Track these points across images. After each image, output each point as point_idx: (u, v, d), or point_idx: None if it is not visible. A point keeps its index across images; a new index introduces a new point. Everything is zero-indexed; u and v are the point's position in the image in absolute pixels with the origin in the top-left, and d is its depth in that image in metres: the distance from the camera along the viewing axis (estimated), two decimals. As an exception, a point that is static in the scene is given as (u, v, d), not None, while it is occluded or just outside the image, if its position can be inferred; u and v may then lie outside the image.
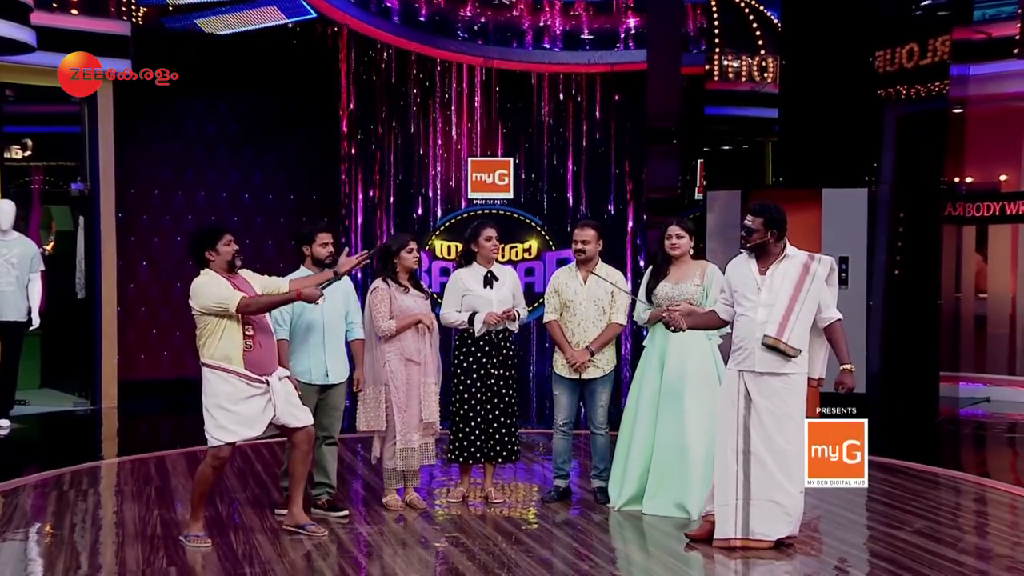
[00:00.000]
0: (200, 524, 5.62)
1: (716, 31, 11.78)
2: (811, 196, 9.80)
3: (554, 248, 12.05)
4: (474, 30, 12.93)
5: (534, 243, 12.04)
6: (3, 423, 9.08)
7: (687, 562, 5.40)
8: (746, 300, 5.47)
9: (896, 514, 6.28)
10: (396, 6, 12.66)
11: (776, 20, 11.59)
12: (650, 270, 6.46)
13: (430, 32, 12.82)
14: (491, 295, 6.46)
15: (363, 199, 12.64)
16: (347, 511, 6.20)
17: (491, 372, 6.47)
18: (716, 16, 11.88)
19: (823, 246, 9.17)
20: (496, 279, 6.51)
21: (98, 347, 10.56)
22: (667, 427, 6.17)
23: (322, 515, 6.09)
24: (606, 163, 13.12)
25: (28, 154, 12.60)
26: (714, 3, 11.92)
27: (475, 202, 11.85)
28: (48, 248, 11.99)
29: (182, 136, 11.61)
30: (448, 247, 11.86)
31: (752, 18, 11.83)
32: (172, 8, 11.80)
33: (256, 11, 11.91)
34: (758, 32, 11.71)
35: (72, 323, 11.04)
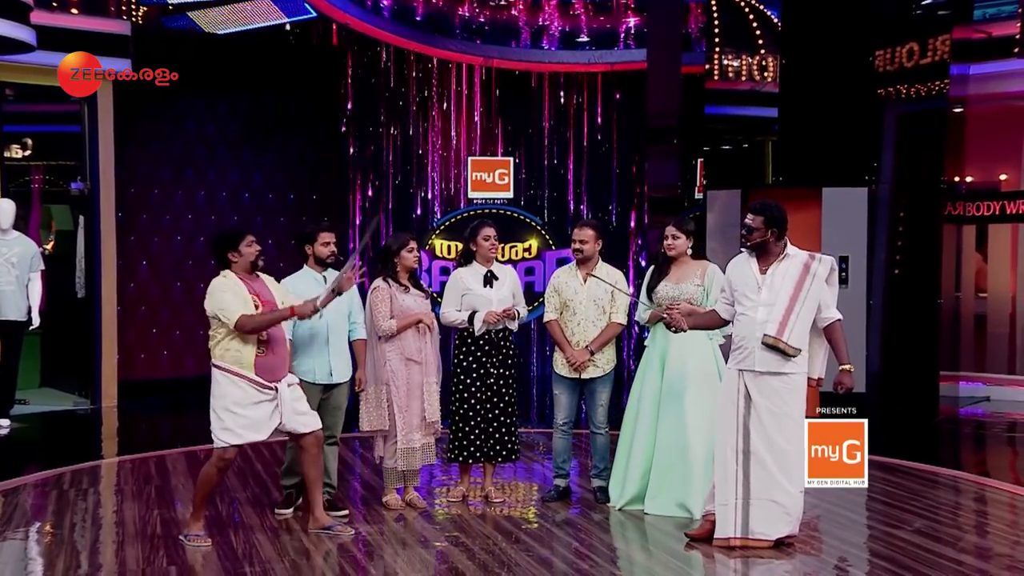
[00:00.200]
0: (201, 523, 5.62)
1: (716, 31, 11.78)
2: (811, 195, 9.79)
3: (554, 247, 12.04)
4: (474, 30, 12.93)
5: (534, 242, 12.04)
6: (3, 422, 9.08)
7: (687, 561, 5.40)
8: (746, 299, 5.48)
9: (896, 513, 6.28)
10: (396, 6, 12.65)
11: (776, 19, 11.58)
12: (651, 270, 6.48)
13: (430, 32, 12.82)
14: (491, 294, 6.46)
15: (362, 199, 12.64)
16: (347, 511, 6.21)
17: (491, 371, 6.47)
18: (716, 16, 11.87)
19: (823, 245, 9.16)
20: (496, 278, 6.51)
21: (98, 346, 10.56)
22: (668, 427, 6.17)
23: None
24: (606, 163, 13.12)
25: (28, 153, 12.61)
26: (714, 3, 11.92)
27: (475, 201, 11.85)
28: (48, 247, 11.98)
29: (182, 136, 11.60)
30: (448, 246, 11.86)
31: (752, 17, 11.83)
32: (172, 8, 11.79)
33: (253, 8, 11.89)
34: (758, 31, 11.71)
35: (72, 322, 11.04)
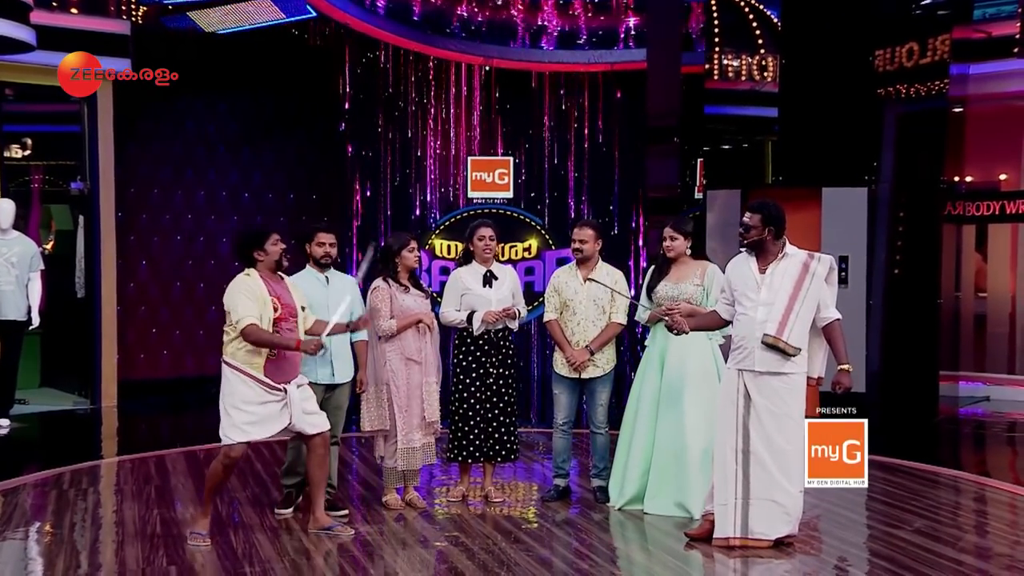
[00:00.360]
0: (207, 521, 5.63)
1: (716, 31, 11.78)
2: (811, 195, 9.80)
3: (554, 247, 12.04)
4: (473, 30, 12.93)
5: (534, 242, 12.04)
6: (3, 422, 9.07)
7: (687, 561, 5.40)
8: (746, 299, 5.48)
9: (896, 513, 6.28)
10: (395, 5, 12.64)
11: (776, 19, 11.59)
12: (651, 270, 6.49)
13: (430, 31, 12.81)
14: (490, 294, 6.46)
15: (361, 199, 12.64)
16: (347, 510, 6.21)
17: (490, 371, 6.47)
18: (716, 16, 11.87)
19: (823, 245, 9.16)
20: (495, 278, 6.51)
21: (98, 346, 10.56)
22: (667, 427, 6.18)
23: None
24: (606, 162, 13.12)
25: (28, 153, 12.61)
26: (714, 3, 11.91)
27: (475, 201, 11.85)
28: (48, 247, 11.98)
29: (182, 135, 11.60)
30: (448, 246, 11.86)
31: (752, 17, 11.84)
32: (172, 8, 11.78)
33: (254, 8, 11.88)
34: (758, 31, 11.71)
35: (72, 322, 11.04)
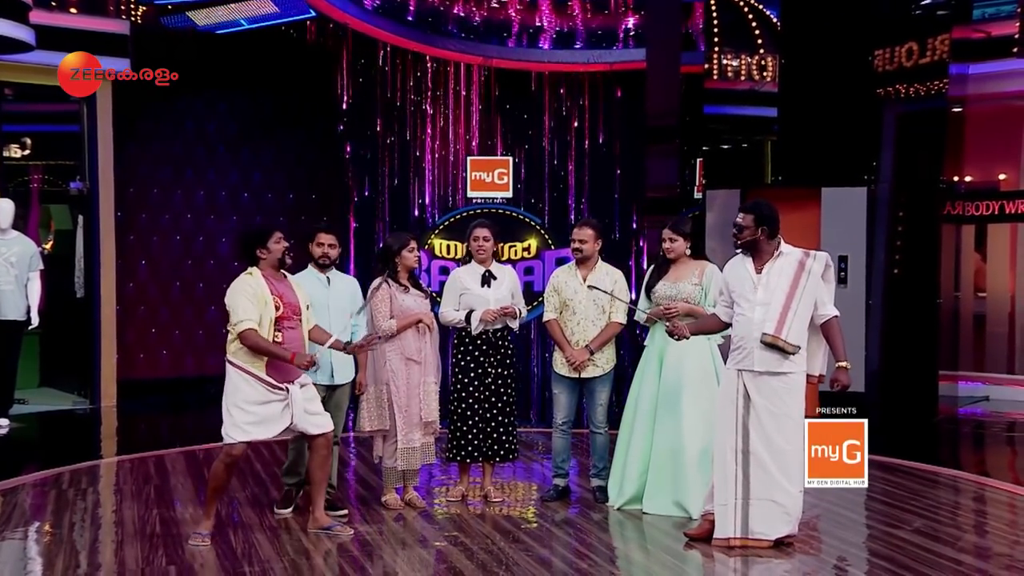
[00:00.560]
0: (211, 522, 5.63)
1: (716, 30, 11.77)
2: (810, 195, 9.80)
3: (553, 247, 12.03)
4: (472, 29, 12.92)
5: (533, 242, 12.02)
6: (2, 422, 9.07)
7: (686, 561, 5.40)
8: (744, 300, 5.49)
9: (895, 513, 6.28)
10: (395, 5, 12.64)
11: (775, 19, 11.58)
12: (651, 269, 6.51)
13: (429, 31, 12.81)
14: (488, 294, 6.46)
15: (359, 199, 12.63)
16: (346, 510, 6.20)
17: (489, 371, 6.47)
18: (715, 15, 11.87)
19: (822, 245, 9.16)
20: (494, 278, 6.51)
21: (97, 346, 10.56)
22: (665, 427, 6.18)
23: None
24: (605, 162, 13.11)
25: (27, 153, 12.61)
26: (714, 3, 11.91)
27: (474, 201, 11.84)
28: (47, 247, 11.98)
29: (181, 135, 11.59)
30: (447, 246, 11.84)
31: (751, 17, 11.83)
32: (171, 8, 11.77)
33: (255, 8, 11.87)
34: (757, 31, 11.70)
35: (71, 322, 11.04)
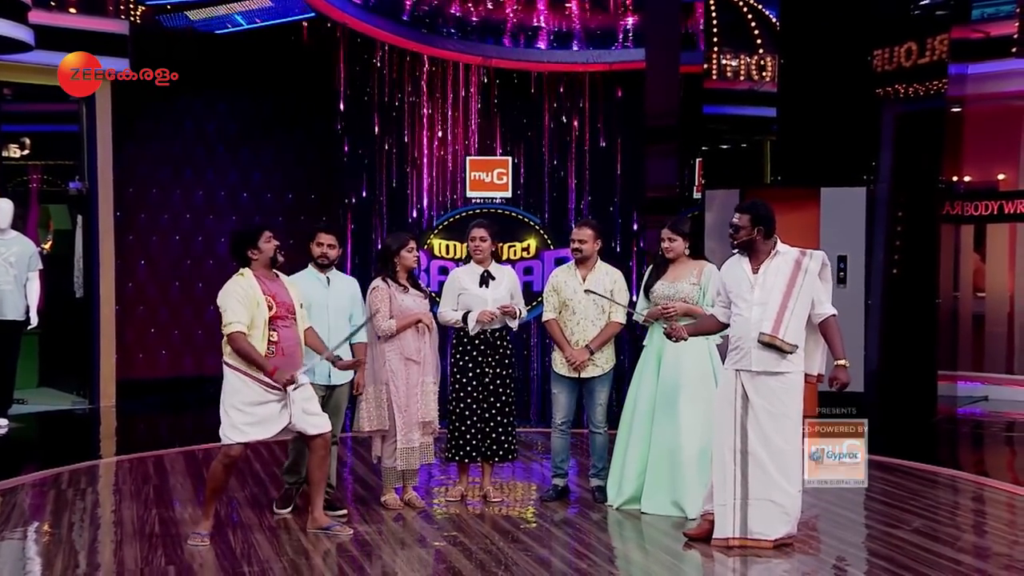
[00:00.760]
0: (210, 523, 5.63)
1: (715, 30, 11.77)
2: (809, 195, 9.79)
3: (552, 247, 12.03)
4: (471, 29, 12.92)
5: (532, 242, 12.03)
6: (1, 422, 9.07)
7: (685, 561, 5.40)
8: (741, 300, 5.49)
9: (895, 513, 6.28)
10: (394, 5, 12.63)
11: (775, 19, 11.58)
12: (650, 269, 6.51)
13: (429, 31, 12.81)
14: (486, 294, 6.46)
15: (358, 199, 12.63)
16: (346, 510, 6.20)
17: (487, 371, 6.47)
18: (715, 15, 11.86)
19: (822, 245, 9.15)
20: (493, 278, 6.51)
21: (96, 346, 10.56)
22: (663, 427, 6.18)
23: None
24: (605, 162, 13.11)
25: (26, 153, 12.60)
26: (713, 3, 11.90)
27: (473, 201, 11.85)
28: (46, 247, 11.97)
29: (181, 135, 11.60)
30: (446, 246, 11.85)
31: (751, 17, 11.83)
32: (170, 8, 11.77)
33: (251, 4, 11.88)
34: (757, 31, 11.70)
35: (70, 322, 11.04)
